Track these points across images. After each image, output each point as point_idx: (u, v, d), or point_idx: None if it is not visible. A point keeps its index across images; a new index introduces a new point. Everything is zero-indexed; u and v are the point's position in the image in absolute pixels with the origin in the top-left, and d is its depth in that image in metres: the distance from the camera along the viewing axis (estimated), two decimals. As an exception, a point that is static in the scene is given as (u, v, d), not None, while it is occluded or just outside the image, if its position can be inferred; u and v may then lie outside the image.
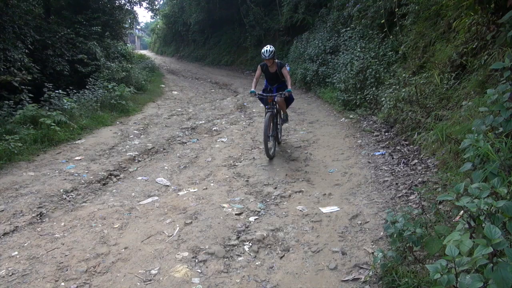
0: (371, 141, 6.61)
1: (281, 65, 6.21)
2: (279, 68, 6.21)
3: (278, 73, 6.27)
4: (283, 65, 6.21)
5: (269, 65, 6.21)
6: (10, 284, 2.99)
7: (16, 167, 6.00)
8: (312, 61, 13.20)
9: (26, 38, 10.30)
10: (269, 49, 6.03)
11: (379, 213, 3.94)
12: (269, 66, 6.24)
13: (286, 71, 6.14)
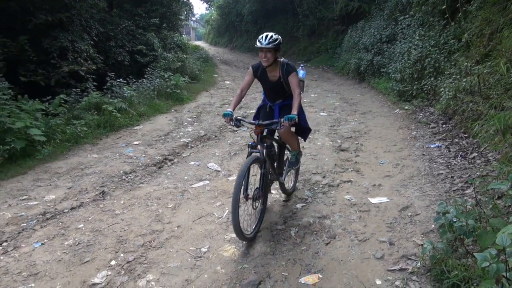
0: (427, 133, 6.34)
1: (288, 68, 3.64)
2: (284, 72, 3.63)
3: (283, 82, 3.67)
4: (293, 69, 3.64)
5: (267, 65, 3.58)
6: (77, 253, 3.30)
7: (82, 149, 6.51)
8: (367, 51, 12.82)
9: (91, 30, 11.01)
10: (271, 35, 3.51)
11: (431, 206, 3.81)
12: (267, 67, 3.62)
13: (295, 80, 3.61)
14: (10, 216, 3.98)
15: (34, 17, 8.76)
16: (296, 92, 3.54)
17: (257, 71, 3.74)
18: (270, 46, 3.43)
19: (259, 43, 3.45)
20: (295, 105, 3.44)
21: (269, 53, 3.49)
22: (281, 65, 3.65)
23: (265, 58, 3.51)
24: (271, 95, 3.90)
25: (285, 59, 3.71)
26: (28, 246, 3.42)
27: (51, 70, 9.05)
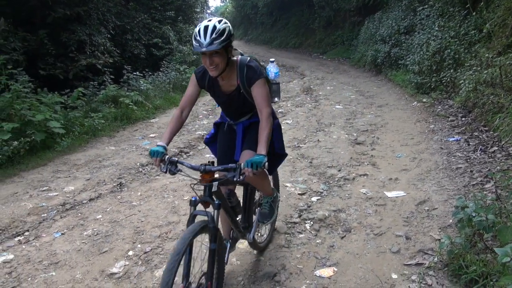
0: (445, 126, 6.21)
1: (250, 73, 2.37)
2: (245, 81, 2.39)
3: (245, 94, 2.46)
4: (257, 74, 2.36)
5: (216, 74, 2.27)
6: (96, 242, 3.37)
7: (99, 141, 6.62)
8: (384, 42, 12.59)
9: (108, 24, 11.13)
10: (213, 25, 2.14)
11: (449, 200, 3.75)
12: (215, 74, 2.27)
13: (262, 92, 2.35)
14: (31, 206, 4.09)
15: (53, 11, 8.90)
16: (264, 113, 2.24)
17: (203, 79, 2.43)
18: (216, 47, 2.07)
19: (196, 43, 2.10)
20: (263, 137, 2.15)
21: (217, 57, 2.15)
22: (239, 69, 2.35)
23: (212, 66, 2.17)
24: (230, 112, 2.64)
25: (244, 57, 2.42)
26: (48, 236, 3.51)
27: (69, 63, 9.21)
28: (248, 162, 1.99)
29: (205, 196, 2.10)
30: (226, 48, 2.21)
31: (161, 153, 2.15)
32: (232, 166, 2.08)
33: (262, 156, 2.05)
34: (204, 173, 2.07)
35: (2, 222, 3.73)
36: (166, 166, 2.12)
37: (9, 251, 3.25)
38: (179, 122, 2.44)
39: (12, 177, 4.99)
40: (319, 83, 12.04)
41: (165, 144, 2.24)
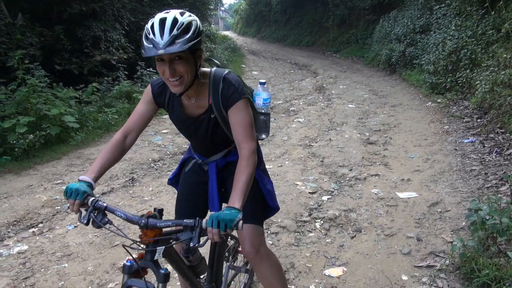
0: (460, 128, 6.12)
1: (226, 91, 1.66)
2: (219, 101, 1.68)
3: (217, 121, 1.73)
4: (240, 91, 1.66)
5: (180, 90, 1.55)
6: (107, 236, 3.42)
7: (112, 136, 6.68)
8: (399, 41, 12.44)
9: (123, 20, 11.22)
10: (174, 17, 1.46)
11: (462, 203, 3.70)
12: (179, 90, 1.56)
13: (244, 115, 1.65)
14: (45, 199, 4.16)
15: (69, 7, 9.01)
16: (245, 149, 1.60)
17: (163, 94, 1.77)
18: (178, 49, 1.42)
19: (149, 43, 1.45)
20: (239, 183, 1.50)
21: (181, 64, 1.50)
22: (212, 84, 1.69)
23: (173, 78, 1.51)
24: (197, 145, 1.96)
25: (218, 69, 1.76)
26: (62, 228, 3.57)
27: (84, 59, 9.32)
28: (213, 219, 1.30)
29: (146, 260, 1.44)
30: (193, 52, 1.53)
31: (82, 192, 1.43)
32: (188, 222, 1.36)
33: (236, 211, 1.37)
34: (146, 229, 1.40)
35: (17, 214, 3.81)
36: (88, 215, 1.42)
37: (24, 242, 3.32)
38: (119, 150, 1.68)
39: (27, 170, 5.08)
40: (332, 81, 11.97)
41: (91, 179, 1.53)
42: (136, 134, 1.75)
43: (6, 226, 3.60)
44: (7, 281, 2.77)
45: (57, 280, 2.80)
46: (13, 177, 4.84)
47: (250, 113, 1.69)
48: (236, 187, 1.49)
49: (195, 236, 1.33)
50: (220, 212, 1.35)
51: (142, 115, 1.76)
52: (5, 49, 7.40)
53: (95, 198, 1.44)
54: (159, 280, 1.42)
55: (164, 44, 1.40)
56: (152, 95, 1.76)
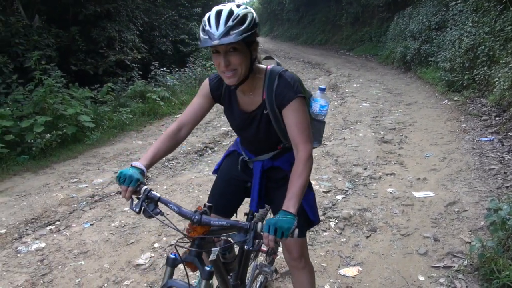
0: (478, 126, 5.99)
1: (281, 88, 1.60)
2: (273, 98, 1.62)
3: (272, 118, 1.67)
4: (293, 90, 1.59)
5: (235, 82, 1.54)
6: (123, 234, 3.45)
7: (127, 136, 6.77)
8: (414, 39, 12.26)
9: (137, 21, 11.35)
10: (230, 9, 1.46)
11: (480, 202, 3.62)
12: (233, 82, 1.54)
13: (300, 116, 1.58)
14: (62, 197, 4.23)
15: (84, 8, 9.16)
16: (302, 151, 1.55)
17: (220, 88, 1.76)
18: (233, 39, 1.41)
19: (205, 35, 1.46)
20: (295, 187, 1.46)
21: (235, 56, 1.48)
22: (268, 80, 1.64)
23: (228, 70, 1.50)
24: (246, 141, 1.92)
25: (276, 66, 1.70)
26: (78, 226, 3.62)
27: (99, 59, 9.47)
28: (270, 224, 1.30)
29: (191, 255, 1.42)
30: (248, 45, 1.52)
31: (135, 180, 1.42)
32: (243, 224, 1.35)
33: (291, 217, 1.34)
34: (198, 225, 1.38)
35: (35, 212, 3.88)
36: (140, 203, 1.40)
37: (41, 240, 3.38)
38: (173, 141, 1.70)
39: (45, 169, 5.18)
40: (346, 80, 11.86)
41: (144, 166, 1.51)
42: (190, 127, 1.75)
43: (25, 224, 3.67)
44: (26, 277, 2.82)
45: (74, 277, 2.84)
46: (31, 175, 4.94)
47: (307, 113, 1.65)
48: (291, 190, 1.46)
49: (249, 239, 1.32)
50: (277, 218, 1.33)
51: (198, 109, 1.77)
52: (22, 50, 7.56)
53: (148, 187, 1.43)
54: (203, 277, 1.42)
55: (219, 35, 1.41)
56: (210, 88, 1.76)
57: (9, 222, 3.65)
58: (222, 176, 2.03)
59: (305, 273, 1.89)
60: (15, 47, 7.52)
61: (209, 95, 1.76)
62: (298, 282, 1.93)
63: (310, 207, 1.85)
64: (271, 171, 1.87)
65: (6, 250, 3.21)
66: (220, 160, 2.11)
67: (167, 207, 1.43)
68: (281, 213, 1.36)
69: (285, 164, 1.82)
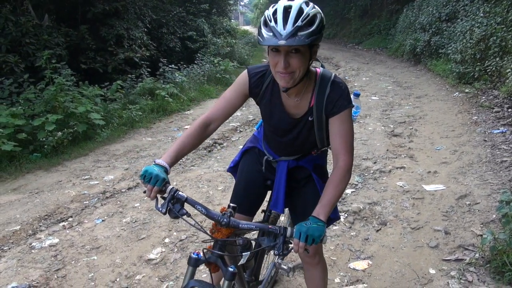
0: (490, 118, 5.91)
1: (334, 95, 1.54)
2: (323, 105, 1.55)
3: (316, 124, 1.61)
4: (348, 99, 1.55)
5: (291, 84, 1.44)
6: (134, 229, 3.49)
7: (137, 133, 6.83)
8: (424, 31, 12.10)
9: (145, 18, 11.39)
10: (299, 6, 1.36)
11: (492, 195, 3.57)
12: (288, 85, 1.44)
13: (347, 127, 1.56)
14: (74, 194, 4.29)
15: (92, 6, 9.23)
16: (343, 161, 1.52)
17: (260, 85, 1.64)
18: (300, 42, 1.33)
19: (269, 31, 1.35)
20: (329, 196, 1.43)
21: (297, 58, 1.39)
22: (319, 85, 1.56)
23: (285, 72, 1.40)
24: (277, 143, 1.81)
25: (326, 70, 1.62)
26: (90, 222, 3.67)
27: (108, 57, 9.54)
28: (301, 231, 1.27)
29: (214, 256, 1.40)
30: (310, 47, 1.42)
31: (161, 179, 1.37)
32: (273, 229, 1.32)
33: (322, 224, 1.31)
34: (226, 227, 1.37)
35: (48, 208, 3.94)
36: (166, 204, 1.37)
37: (55, 236, 3.44)
38: (201, 136, 1.61)
39: (57, 166, 5.25)
40: (355, 74, 11.77)
41: (167, 164, 1.45)
42: (220, 122, 1.66)
43: (38, 220, 3.73)
44: (40, 272, 2.88)
45: (87, 272, 2.89)
46: (43, 173, 5.01)
47: (352, 124, 1.59)
48: (325, 199, 1.42)
49: (279, 244, 1.29)
50: (308, 226, 1.28)
51: (231, 103, 1.66)
52: (33, 49, 7.66)
53: (174, 187, 1.39)
54: (226, 278, 1.39)
55: (287, 35, 1.31)
56: (249, 84, 1.64)
57: (23, 219, 3.72)
58: (244, 176, 1.95)
59: (318, 270, 1.89)
60: (26, 47, 7.62)
61: (246, 92, 1.65)
62: (311, 277, 1.91)
63: None
64: (295, 170, 1.82)
65: (21, 246, 3.27)
66: (237, 157, 2.03)
67: (194, 208, 1.40)
68: (311, 219, 1.32)
69: (309, 163, 1.80)
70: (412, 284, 2.56)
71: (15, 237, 3.43)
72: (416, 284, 2.56)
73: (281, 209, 1.81)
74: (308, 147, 1.74)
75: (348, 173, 1.51)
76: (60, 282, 2.78)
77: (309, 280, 1.94)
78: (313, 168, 1.72)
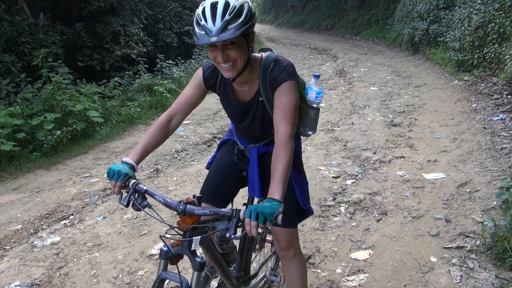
0: (489, 105, 5.89)
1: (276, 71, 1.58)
2: (267, 83, 1.61)
3: (267, 105, 1.67)
4: (289, 72, 1.57)
5: (233, 75, 1.51)
6: (135, 226, 3.50)
7: (136, 129, 6.82)
8: (422, 19, 12.03)
9: (140, 14, 11.34)
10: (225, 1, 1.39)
11: (492, 182, 3.57)
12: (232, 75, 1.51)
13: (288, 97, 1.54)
14: (75, 192, 4.29)
15: (88, 3, 9.17)
16: (282, 131, 1.49)
17: (213, 77, 1.73)
18: (232, 35, 1.37)
19: (201, 30, 1.39)
20: (278, 171, 1.40)
21: (234, 50, 1.44)
22: (263, 67, 1.62)
23: (226, 64, 1.46)
24: (243, 129, 1.87)
25: (271, 52, 1.69)
26: (91, 219, 3.68)
27: (105, 54, 9.51)
28: (252, 210, 1.24)
29: (183, 247, 1.42)
30: (245, 36, 1.47)
31: (124, 174, 1.43)
32: (226, 212, 1.32)
33: (276, 203, 1.28)
34: (183, 215, 1.38)
35: (49, 207, 3.95)
36: (128, 197, 1.42)
37: (56, 234, 3.44)
38: (163, 132, 1.68)
39: (57, 165, 5.25)
40: (353, 65, 11.72)
41: (134, 161, 1.53)
42: (181, 117, 1.72)
43: (40, 219, 3.74)
44: (42, 270, 2.89)
45: (89, 268, 2.90)
46: (44, 172, 5.01)
47: (297, 96, 1.58)
48: (275, 176, 1.39)
49: (231, 226, 1.29)
50: (259, 204, 1.28)
51: (190, 98, 1.74)
52: (29, 48, 7.63)
53: (136, 181, 1.43)
54: (195, 268, 1.42)
55: (217, 30, 1.36)
56: (203, 79, 1.72)
57: (24, 218, 3.72)
58: (217, 165, 1.98)
59: (294, 264, 1.87)
60: (22, 46, 7.59)
61: (201, 85, 1.73)
62: (288, 272, 1.90)
63: (302, 194, 1.82)
64: (266, 157, 1.81)
65: (23, 245, 3.28)
66: (214, 153, 2.07)
67: (153, 198, 1.42)
68: (266, 200, 1.30)
69: None
70: (413, 273, 2.57)
71: (17, 236, 3.44)
72: (418, 272, 2.57)
73: (259, 193, 1.83)
74: (267, 128, 1.75)
75: (289, 143, 1.46)
76: (62, 279, 2.79)
77: (286, 275, 1.93)
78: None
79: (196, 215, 1.37)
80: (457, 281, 2.42)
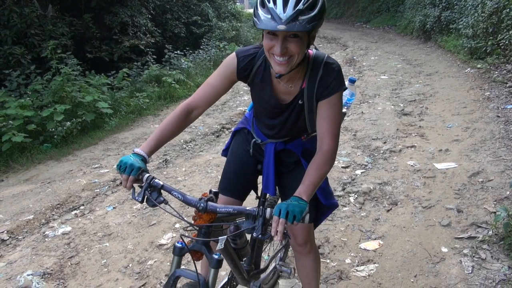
0: (503, 93, 5.76)
1: (328, 77, 1.46)
2: (315, 88, 1.47)
3: (306, 109, 1.54)
4: (341, 81, 1.47)
5: (286, 70, 1.35)
6: (145, 216, 3.52)
7: (145, 120, 6.84)
8: (434, 6, 11.78)
9: (148, 4, 11.27)
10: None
11: (506, 171, 3.51)
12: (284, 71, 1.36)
13: (336, 111, 1.47)
14: (85, 182, 4.33)
15: (96, -6, 9.15)
16: (327, 145, 1.45)
17: (248, 68, 1.55)
18: (300, 28, 1.24)
19: (267, 13, 1.26)
20: (311, 177, 1.36)
21: (295, 44, 1.31)
22: (311, 68, 1.49)
23: (283, 58, 1.33)
24: (270, 126, 1.70)
25: (319, 52, 1.53)
26: (101, 210, 3.71)
27: (113, 45, 9.50)
28: (282, 208, 1.20)
29: (199, 243, 1.35)
30: (308, 34, 1.34)
31: (137, 168, 1.33)
32: (251, 211, 1.26)
33: (304, 203, 1.24)
34: (204, 212, 1.30)
35: (60, 197, 3.99)
36: (143, 192, 1.32)
37: (67, 224, 3.48)
38: (182, 124, 1.53)
39: (67, 156, 5.30)
40: (363, 53, 11.56)
41: (145, 153, 1.42)
42: (202, 110, 1.57)
43: (51, 209, 3.78)
44: (54, 260, 2.93)
45: (99, 258, 2.93)
46: (54, 163, 5.07)
47: (342, 108, 1.51)
48: (308, 179, 1.34)
49: (258, 226, 1.22)
50: (289, 202, 1.22)
51: (216, 90, 1.56)
52: (38, 40, 7.65)
53: (151, 175, 1.33)
54: (212, 266, 1.36)
55: (287, 19, 1.21)
56: (237, 68, 1.53)
57: (36, 209, 3.77)
58: (234, 157, 1.89)
59: (310, 259, 1.85)
60: (31, 38, 7.61)
61: (233, 76, 1.55)
62: (303, 267, 1.88)
63: (322, 191, 1.75)
64: (282, 153, 1.76)
65: (35, 235, 3.32)
66: (229, 140, 1.98)
67: (171, 195, 1.34)
68: (293, 198, 1.26)
69: (298, 148, 1.73)
70: (424, 263, 2.54)
71: (29, 226, 3.49)
72: (428, 262, 2.54)
73: (272, 191, 1.76)
74: (297, 131, 1.68)
75: (332, 158, 1.44)
76: (74, 269, 2.83)
77: (300, 270, 1.90)
78: (302, 153, 1.68)
79: (219, 213, 1.30)
80: (468, 271, 2.39)
